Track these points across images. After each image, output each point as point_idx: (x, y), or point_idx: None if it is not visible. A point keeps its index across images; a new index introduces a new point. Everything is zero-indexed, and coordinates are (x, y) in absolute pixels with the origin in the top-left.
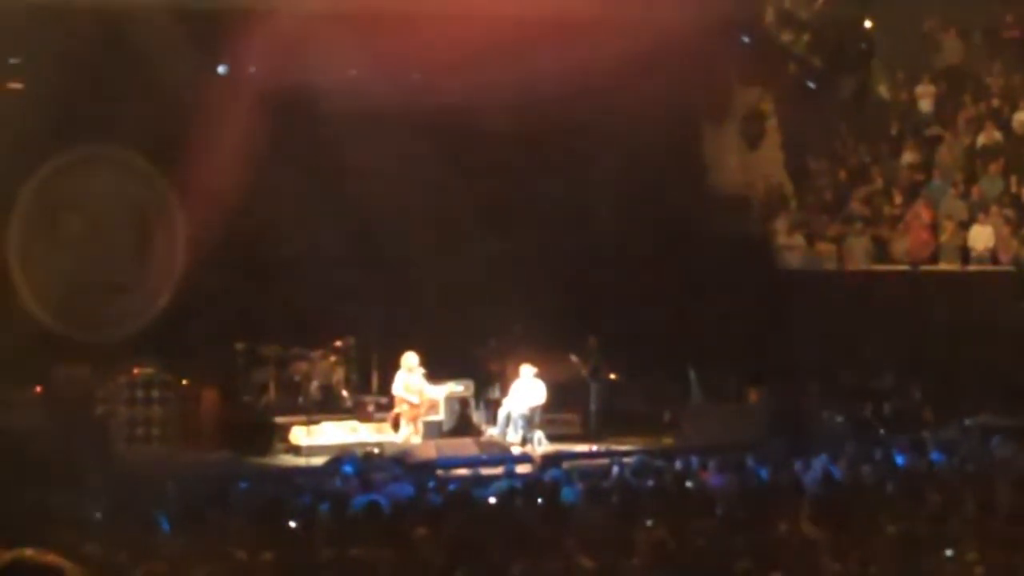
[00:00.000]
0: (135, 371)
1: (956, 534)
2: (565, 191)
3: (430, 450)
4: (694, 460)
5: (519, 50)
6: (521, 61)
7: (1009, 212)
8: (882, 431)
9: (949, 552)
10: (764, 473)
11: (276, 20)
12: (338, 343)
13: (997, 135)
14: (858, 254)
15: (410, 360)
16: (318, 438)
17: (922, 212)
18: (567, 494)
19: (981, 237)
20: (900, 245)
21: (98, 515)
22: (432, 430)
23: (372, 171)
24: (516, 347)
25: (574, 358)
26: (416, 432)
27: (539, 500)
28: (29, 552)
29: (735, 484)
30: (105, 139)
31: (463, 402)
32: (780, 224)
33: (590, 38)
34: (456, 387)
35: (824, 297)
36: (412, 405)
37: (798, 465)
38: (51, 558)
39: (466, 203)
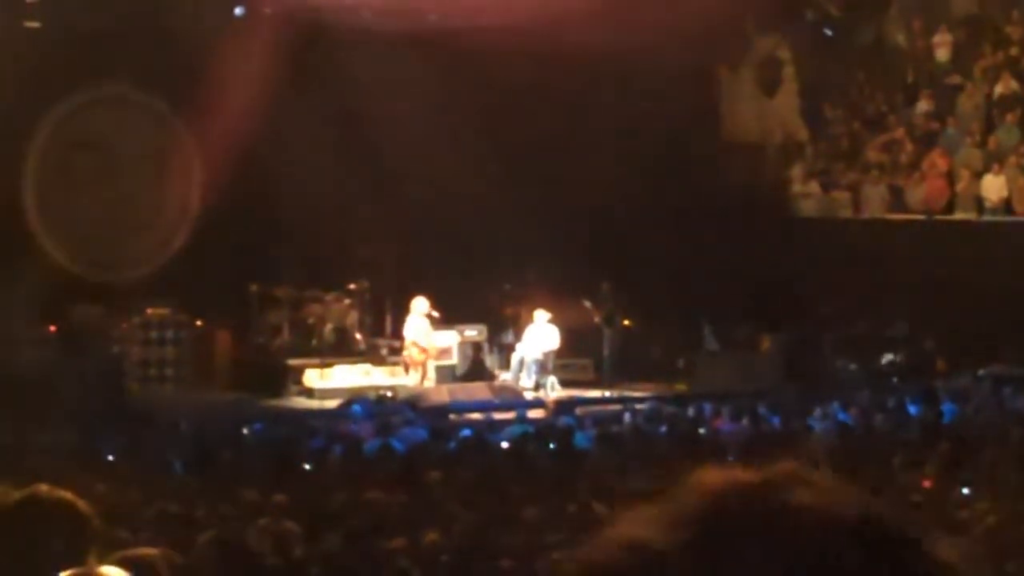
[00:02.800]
0: (149, 311)
1: (967, 483)
2: (581, 137)
3: (443, 394)
4: (707, 407)
5: None
6: (537, 4)
7: None
8: (895, 380)
9: (961, 501)
10: (776, 421)
11: None
12: (352, 286)
13: (1014, 85)
14: (874, 202)
15: (420, 305)
16: (331, 381)
17: (938, 161)
18: (580, 440)
19: (994, 187)
20: (916, 194)
21: (111, 455)
22: (446, 375)
23: (388, 113)
24: (530, 292)
25: (588, 304)
26: (427, 377)
27: (552, 445)
28: (44, 488)
29: (747, 431)
30: (121, 80)
31: (476, 347)
32: (796, 172)
33: None
34: (470, 332)
35: (839, 245)
36: (421, 349)
37: (811, 413)
38: (65, 494)
39: (481, 148)
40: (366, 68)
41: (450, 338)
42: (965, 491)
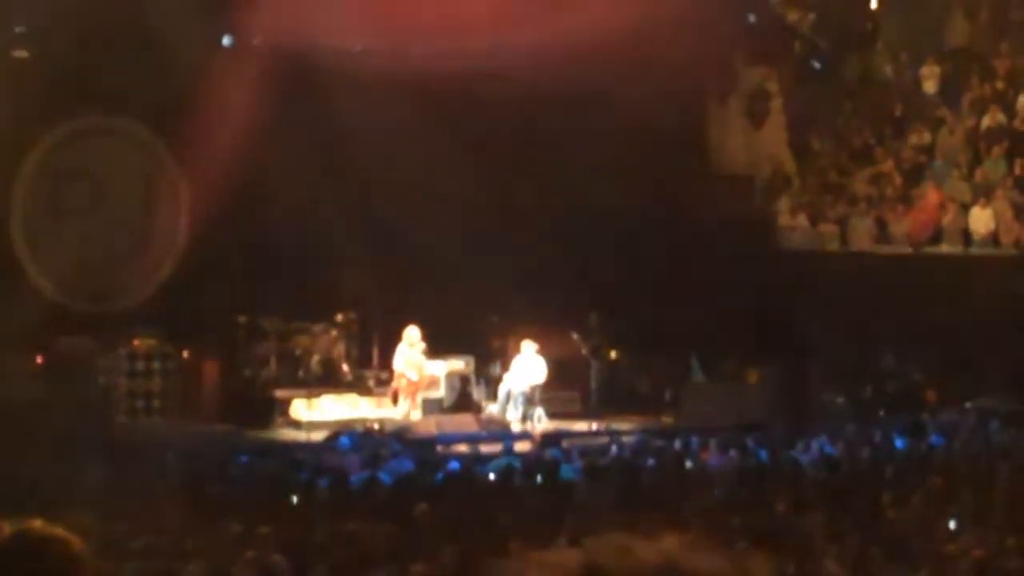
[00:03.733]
0: (136, 343)
1: (955, 516)
2: (568, 168)
3: (430, 426)
4: (694, 440)
5: (522, 23)
6: (524, 35)
7: (1013, 195)
8: (882, 412)
9: (946, 534)
10: (764, 454)
11: None
12: (339, 317)
13: (1001, 117)
14: (861, 235)
15: (412, 335)
16: (318, 412)
17: (930, 194)
18: (566, 472)
19: (981, 220)
20: (903, 227)
21: (98, 487)
22: (432, 406)
23: (375, 144)
24: (517, 324)
25: (575, 336)
26: (415, 407)
27: (538, 477)
28: (37, 524)
29: (735, 464)
30: (109, 110)
31: (464, 378)
32: (783, 204)
33: (594, 15)
34: (457, 363)
35: (826, 278)
36: (411, 380)
37: (798, 446)
38: (58, 531)
39: (469, 180)
40: (354, 99)
41: (437, 369)
42: (952, 524)
